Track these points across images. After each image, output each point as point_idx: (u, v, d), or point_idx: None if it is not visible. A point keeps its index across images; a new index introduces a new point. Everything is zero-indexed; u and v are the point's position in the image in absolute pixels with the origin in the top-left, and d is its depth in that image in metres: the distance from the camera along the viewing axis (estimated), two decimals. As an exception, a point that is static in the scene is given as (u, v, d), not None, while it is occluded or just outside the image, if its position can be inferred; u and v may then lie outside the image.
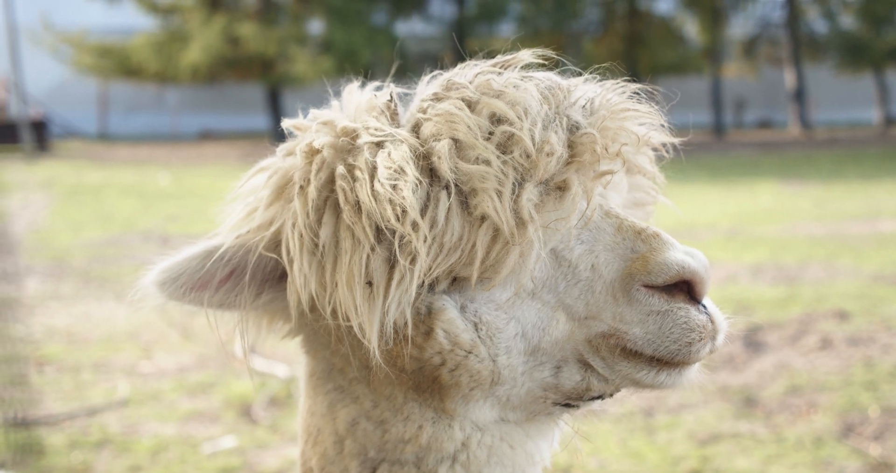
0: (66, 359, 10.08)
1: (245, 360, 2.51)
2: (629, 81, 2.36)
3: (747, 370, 9.45)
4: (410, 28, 57.33)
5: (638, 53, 57.77)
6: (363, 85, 2.47)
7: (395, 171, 2.04)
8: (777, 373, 9.32)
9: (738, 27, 66.00)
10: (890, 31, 61.60)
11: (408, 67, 2.53)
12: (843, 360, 9.66)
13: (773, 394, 8.73)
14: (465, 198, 2.05)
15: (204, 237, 2.51)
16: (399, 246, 2.02)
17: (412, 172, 2.03)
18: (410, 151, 2.07)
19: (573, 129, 2.12)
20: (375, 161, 2.07)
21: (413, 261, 2.02)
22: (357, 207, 2.06)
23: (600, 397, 2.25)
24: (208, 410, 8.54)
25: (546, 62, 2.36)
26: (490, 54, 2.42)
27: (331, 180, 2.14)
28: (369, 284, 2.06)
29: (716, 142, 53.25)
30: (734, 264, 15.08)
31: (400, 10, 55.59)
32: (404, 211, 2.00)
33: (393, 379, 2.24)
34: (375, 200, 2.02)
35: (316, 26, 52.18)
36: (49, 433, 7.90)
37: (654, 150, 2.41)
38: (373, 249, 2.05)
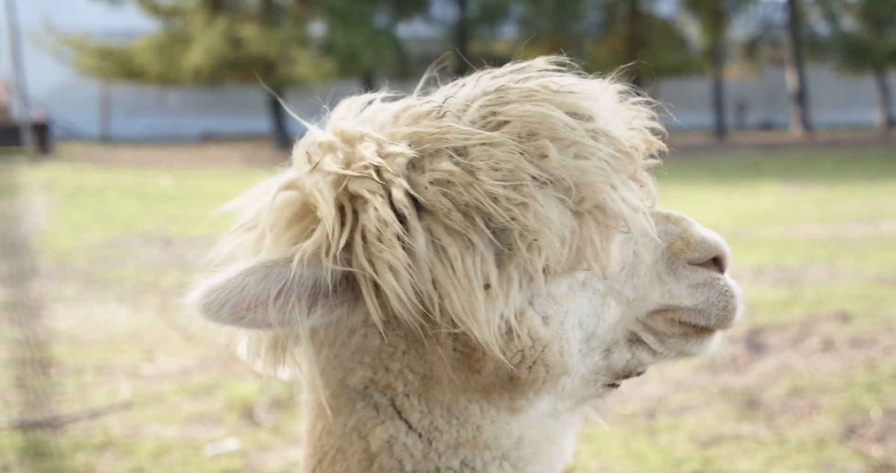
0: (68, 361, 10.09)
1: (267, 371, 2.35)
2: (632, 83, 2.38)
3: (749, 371, 9.45)
4: (412, 30, 57.32)
5: (639, 55, 57.66)
6: (362, 94, 2.46)
7: (508, 171, 2.05)
8: (779, 375, 9.31)
9: (740, 29, 65.99)
10: (891, 33, 61.57)
11: (409, 69, 2.51)
12: (845, 362, 9.66)
13: (775, 396, 8.73)
14: (566, 193, 2.08)
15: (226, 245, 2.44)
16: (522, 244, 2.05)
17: (527, 169, 2.06)
18: (515, 150, 2.08)
19: (637, 125, 2.30)
20: (473, 164, 2.07)
21: (537, 257, 2.06)
22: (466, 210, 2.05)
23: (639, 373, 2.41)
24: (210, 412, 8.54)
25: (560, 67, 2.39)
26: (492, 57, 2.43)
27: (414, 187, 2.10)
28: (487, 286, 2.06)
29: (717, 143, 53.25)
30: (736, 265, 15.01)
31: (401, 12, 55.58)
32: (526, 208, 2.03)
33: (458, 385, 2.23)
34: (495, 200, 2.03)
35: (317, 28, 52.16)
36: (52, 435, 7.90)
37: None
38: (486, 250, 2.06)
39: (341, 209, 2.13)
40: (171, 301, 13.14)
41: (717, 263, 2.37)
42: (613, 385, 2.38)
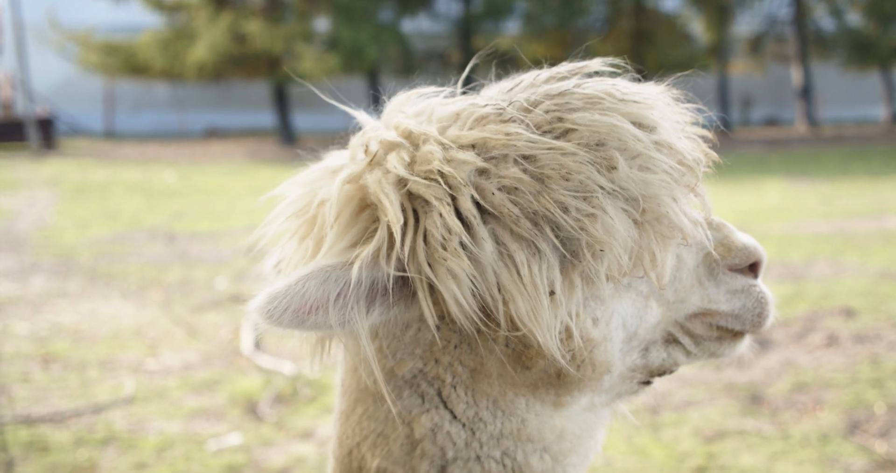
0: (72, 356, 10.10)
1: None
2: (640, 77, 2.37)
3: (753, 367, 9.44)
4: (417, 25, 57.24)
5: (644, 51, 57.68)
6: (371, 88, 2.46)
7: (579, 181, 2.05)
8: (783, 370, 9.31)
9: (745, 24, 65.83)
10: (897, 29, 61.46)
11: (414, 65, 2.50)
12: (849, 357, 9.65)
13: (779, 391, 8.72)
14: (631, 205, 2.09)
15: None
16: (588, 253, 2.06)
17: (597, 180, 2.06)
18: (586, 160, 2.08)
19: (691, 134, 2.32)
20: (543, 172, 2.07)
21: (601, 266, 2.08)
22: (534, 218, 2.05)
23: (671, 371, 2.47)
24: (214, 407, 8.55)
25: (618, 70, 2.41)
26: (496, 53, 2.43)
27: (481, 192, 2.09)
28: (552, 293, 2.08)
29: (722, 139, 52.99)
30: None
31: (406, 8, 55.47)
32: (595, 219, 2.04)
33: (507, 379, 2.26)
34: (565, 210, 2.03)
35: (322, 24, 52.13)
36: (55, 430, 7.91)
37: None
38: (552, 258, 2.07)
39: (403, 212, 2.12)
40: (174, 297, 13.15)
41: (753, 269, 2.45)
42: (647, 383, 2.45)
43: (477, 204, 2.08)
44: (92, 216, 22.13)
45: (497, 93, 2.33)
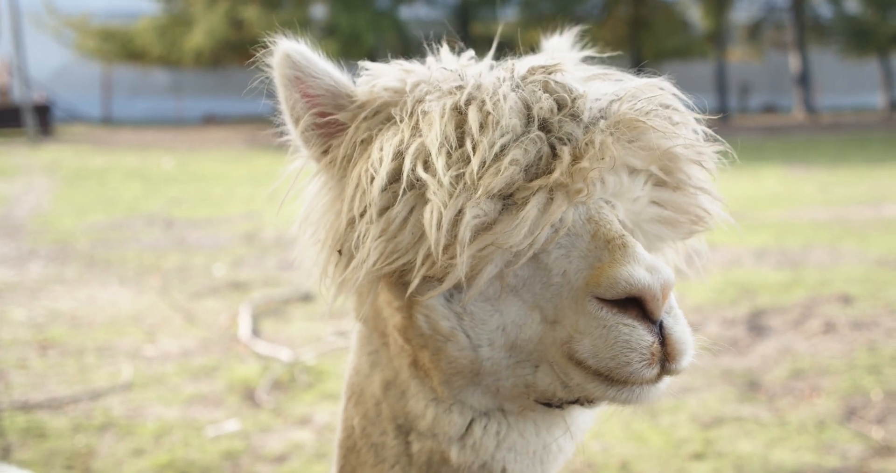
0: (69, 342, 10.10)
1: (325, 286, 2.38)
2: (639, 68, 2.35)
3: (751, 353, 9.45)
4: (414, 12, 57.12)
5: (642, 38, 57.61)
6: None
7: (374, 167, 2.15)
8: (780, 357, 9.32)
9: (743, 11, 65.73)
10: (895, 16, 61.35)
11: (411, 51, 2.52)
12: (846, 344, 9.66)
13: (776, 378, 8.73)
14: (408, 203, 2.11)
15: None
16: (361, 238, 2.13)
17: (386, 167, 2.12)
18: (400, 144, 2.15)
19: (559, 142, 2.09)
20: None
21: (364, 255, 2.13)
22: None
23: (579, 403, 2.21)
24: (212, 394, 8.55)
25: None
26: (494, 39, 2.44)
27: None
28: (339, 252, 2.23)
29: (720, 126, 52.99)
30: (738, 248, 15.07)
31: (404, -6, 55.43)
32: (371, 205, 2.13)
33: (398, 351, 2.32)
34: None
35: (319, 10, 52.04)
36: (52, 416, 7.92)
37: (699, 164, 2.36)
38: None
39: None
40: (172, 283, 13.14)
41: (639, 306, 2.03)
42: (549, 405, 2.24)
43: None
44: (89, 203, 22.10)
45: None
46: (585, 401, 2.19)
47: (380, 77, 2.38)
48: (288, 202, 2.44)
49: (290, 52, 2.42)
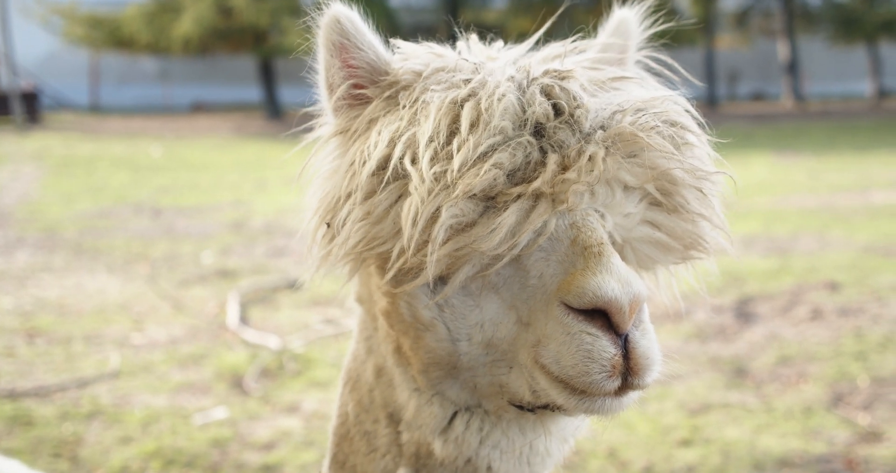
0: (57, 331, 10.07)
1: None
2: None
3: (738, 340, 9.47)
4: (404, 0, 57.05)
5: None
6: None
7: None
8: (768, 344, 9.34)
9: (731, -2, 65.76)
10: (883, 4, 61.37)
11: (401, 39, 2.49)
12: (833, 331, 9.69)
13: (763, 364, 8.76)
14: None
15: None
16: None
17: (379, 153, 2.11)
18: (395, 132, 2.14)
19: (550, 149, 2.05)
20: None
21: (346, 235, 2.12)
22: None
23: (549, 408, 2.17)
24: (199, 381, 8.54)
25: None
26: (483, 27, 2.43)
27: None
28: (328, 225, 2.21)
29: (709, 114, 52.94)
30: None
31: (393, -19, 55.28)
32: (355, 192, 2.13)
33: (384, 335, 2.32)
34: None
35: (308, -3, 51.85)
36: (40, 404, 7.90)
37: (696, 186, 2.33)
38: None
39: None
40: (160, 271, 13.12)
41: (606, 316, 1.97)
42: (522, 408, 2.21)
43: None
44: (77, 191, 22.03)
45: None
46: (555, 408, 2.15)
47: (409, 59, 2.35)
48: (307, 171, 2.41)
49: (340, 17, 2.39)
